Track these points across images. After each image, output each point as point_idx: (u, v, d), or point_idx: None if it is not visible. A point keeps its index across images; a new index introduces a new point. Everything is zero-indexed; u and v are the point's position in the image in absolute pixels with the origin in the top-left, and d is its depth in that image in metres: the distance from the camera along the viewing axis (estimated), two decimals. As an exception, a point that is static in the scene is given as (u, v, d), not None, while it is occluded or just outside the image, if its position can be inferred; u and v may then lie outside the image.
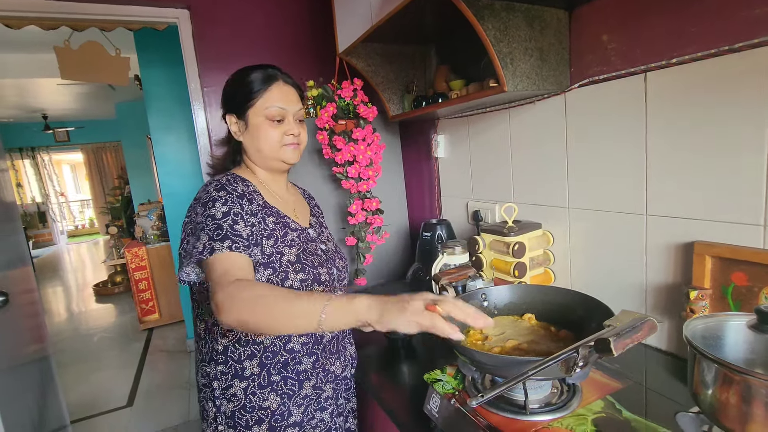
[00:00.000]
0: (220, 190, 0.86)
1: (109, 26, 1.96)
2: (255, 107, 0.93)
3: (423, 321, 0.64)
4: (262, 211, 0.91)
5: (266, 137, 0.93)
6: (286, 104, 0.94)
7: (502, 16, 1.05)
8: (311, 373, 0.94)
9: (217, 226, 0.81)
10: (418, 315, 0.65)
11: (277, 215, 0.95)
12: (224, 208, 0.83)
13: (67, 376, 3.20)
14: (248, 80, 0.93)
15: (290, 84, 0.97)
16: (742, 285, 0.87)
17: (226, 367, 0.89)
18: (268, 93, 0.93)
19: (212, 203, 0.84)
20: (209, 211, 0.83)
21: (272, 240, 0.89)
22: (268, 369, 0.89)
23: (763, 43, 0.78)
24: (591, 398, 0.79)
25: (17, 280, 1.71)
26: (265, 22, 2.07)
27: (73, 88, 5.21)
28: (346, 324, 0.70)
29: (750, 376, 0.54)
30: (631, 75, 1.01)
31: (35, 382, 1.71)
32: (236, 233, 0.81)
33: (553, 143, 1.25)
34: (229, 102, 0.97)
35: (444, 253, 1.38)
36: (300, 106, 0.97)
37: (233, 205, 0.85)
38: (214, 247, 0.79)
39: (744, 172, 0.84)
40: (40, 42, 2.93)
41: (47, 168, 9.02)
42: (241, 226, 0.83)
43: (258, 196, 0.94)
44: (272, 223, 0.92)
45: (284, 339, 0.90)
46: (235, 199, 0.86)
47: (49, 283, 6.27)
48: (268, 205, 0.95)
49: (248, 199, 0.89)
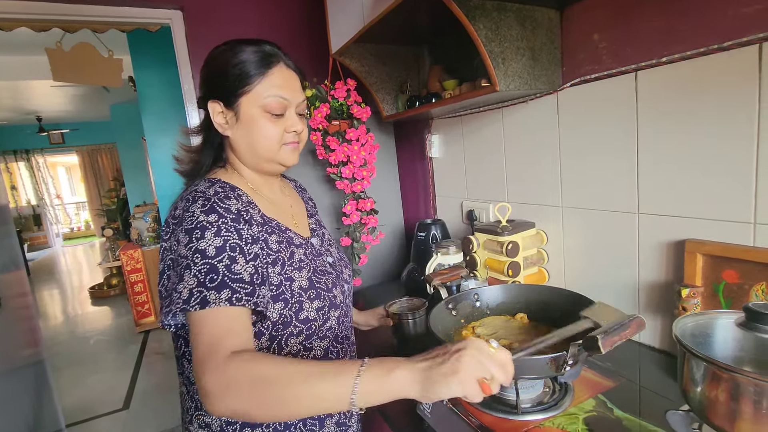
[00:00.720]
0: (210, 212, 0.67)
1: (101, 28, 1.95)
2: (250, 95, 0.74)
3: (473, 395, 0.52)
4: (263, 230, 0.74)
5: (264, 134, 0.75)
6: (290, 94, 0.76)
7: (493, 15, 1.05)
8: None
9: (210, 268, 0.62)
10: (468, 387, 0.51)
11: (278, 231, 0.78)
12: (218, 241, 0.64)
13: (63, 380, 3.19)
14: (241, 59, 0.73)
15: (293, 68, 0.79)
16: (733, 282, 0.87)
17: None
18: (268, 78, 0.74)
19: (201, 233, 0.65)
20: (197, 243, 0.64)
21: (278, 266, 0.73)
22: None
23: (751, 41, 0.79)
24: (583, 397, 0.79)
25: (10, 283, 1.70)
26: (258, 23, 2.06)
27: (67, 90, 5.19)
28: (383, 401, 0.54)
29: (738, 374, 0.54)
30: (622, 74, 1.02)
31: (30, 386, 1.70)
32: (236, 277, 0.63)
33: (545, 142, 1.25)
34: (214, 85, 0.76)
35: (438, 252, 1.38)
36: (303, 97, 0.80)
37: (229, 236, 0.66)
38: (208, 299, 0.60)
39: (734, 169, 0.85)
40: (32, 44, 2.91)
41: (42, 170, 8.97)
42: (241, 265, 0.65)
43: (254, 209, 0.76)
44: (276, 244, 0.75)
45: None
46: (230, 225, 0.67)
47: (45, 286, 6.24)
48: (267, 220, 0.77)
49: (246, 220, 0.70)
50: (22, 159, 8.63)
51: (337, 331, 0.82)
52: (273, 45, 0.78)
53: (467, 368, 0.51)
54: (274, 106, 0.74)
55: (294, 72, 0.79)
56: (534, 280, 1.28)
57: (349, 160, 1.61)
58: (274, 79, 0.75)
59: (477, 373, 0.52)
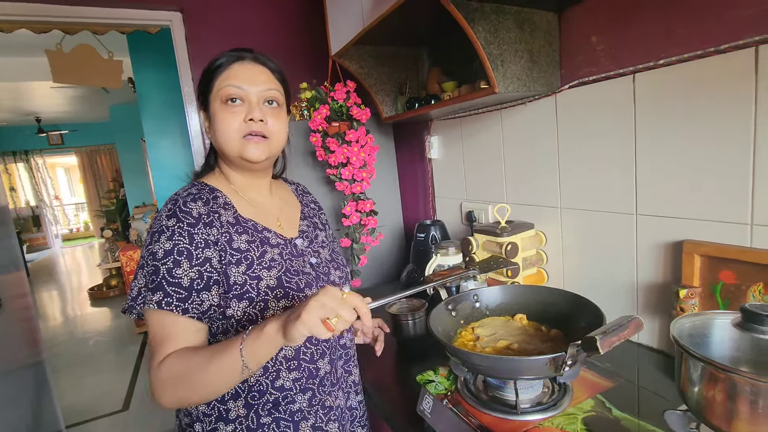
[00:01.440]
0: (171, 216, 0.72)
1: (101, 29, 1.95)
2: (213, 92, 0.77)
3: (319, 333, 0.60)
4: (231, 230, 0.76)
5: (222, 125, 0.76)
6: (247, 82, 0.76)
7: (492, 18, 1.06)
8: (308, 412, 0.80)
9: (154, 270, 0.70)
10: (313, 326, 0.59)
11: (253, 231, 0.80)
12: (167, 245, 0.70)
13: (63, 381, 3.19)
14: (213, 62, 0.79)
15: (263, 65, 0.80)
16: (730, 283, 0.88)
17: (209, 408, 0.77)
18: (227, 71, 0.77)
19: (158, 236, 0.71)
20: (153, 246, 0.71)
21: (244, 265, 0.75)
22: (256, 410, 0.77)
23: (748, 44, 0.79)
24: (581, 397, 0.80)
25: (10, 284, 1.70)
26: (257, 25, 2.07)
27: (66, 91, 5.19)
28: (271, 352, 0.64)
29: (735, 374, 0.54)
30: (620, 76, 1.02)
31: (29, 387, 1.70)
32: (173, 281, 0.69)
33: (544, 144, 1.26)
34: (198, 93, 0.83)
35: (437, 253, 1.39)
36: (270, 86, 0.78)
37: (179, 240, 0.70)
38: (146, 300, 0.69)
39: (731, 171, 0.85)
40: (32, 45, 2.92)
41: (41, 171, 8.96)
42: (183, 269, 0.70)
43: (228, 210, 0.79)
44: (245, 243, 0.77)
45: (272, 376, 0.77)
46: (184, 229, 0.71)
47: (44, 287, 6.23)
48: (241, 220, 0.79)
49: (206, 223, 0.73)
50: (21, 160, 8.63)
51: None
52: (249, 50, 0.81)
53: (310, 311, 0.59)
54: (227, 93, 0.76)
55: (263, 66, 0.80)
56: (533, 281, 1.29)
57: (349, 161, 1.61)
58: (232, 72, 0.77)
59: (320, 314, 0.60)
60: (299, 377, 0.79)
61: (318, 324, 0.60)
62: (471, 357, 0.76)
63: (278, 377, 0.77)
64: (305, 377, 0.80)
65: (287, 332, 0.61)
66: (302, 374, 0.79)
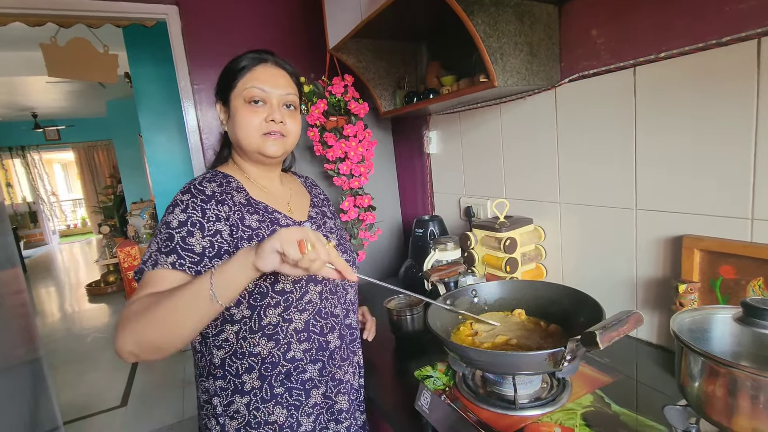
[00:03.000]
0: (186, 192, 0.78)
1: (96, 23, 1.93)
2: (236, 90, 0.83)
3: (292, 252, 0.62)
4: (242, 210, 0.81)
5: (243, 123, 0.82)
6: (270, 85, 0.83)
7: (491, 11, 1.04)
8: (318, 381, 0.85)
9: (168, 236, 0.74)
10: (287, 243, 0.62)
11: (263, 211, 0.85)
12: (182, 216, 0.75)
13: (61, 377, 3.18)
14: (236, 62, 0.85)
15: (283, 68, 0.87)
16: (730, 278, 0.87)
17: (225, 382, 0.81)
18: (251, 73, 0.83)
19: (173, 208, 0.77)
20: (167, 217, 0.76)
21: (254, 241, 0.79)
22: (270, 381, 0.81)
23: (750, 36, 0.78)
24: (580, 392, 0.79)
25: (6, 281, 1.69)
26: (254, 18, 2.05)
27: (62, 86, 5.15)
28: (240, 279, 0.65)
29: (735, 368, 0.54)
30: (621, 69, 1.01)
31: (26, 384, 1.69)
32: (187, 247, 0.73)
33: (543, 138, 1.25)
34: (217, 87, 0.89)
35: (436, 249, 1.38)
36: (289, 91, 0.86)
37: (193, 213, 0.76)
38: (158, 261, 0.72)
39: (731, 165, 0.85)
40: (26, 39, 2.89)
41: (38, 167, 8.91)
42: (196, 239, 0.74)
43: (240, 193, 0.84)
44: (256, 222, 0.81)
45: (283, 348, 0.81)
46: (197, 203, 0.77)
47: (42, 284, 6.21)
48: (252, 202, 0.85)
49: (218, 201, 0.78)
50: (17, 155, 8.57)
51: (319, 305, 0.85)
52: (269, 52, 0.87)
53: (290, 230, 0.64)
54: (252, 94, 0.82)
55: (282, 70, 0.87)
56: (531, 276, 1.28)
57: (347, 156, 1.60)
58: (256, 74, 0.84)
59: (297, 236, 0.63)
60: (309, 348, 0.83)
61: (292, 241, 0.62)
62: (469, 352, 0.76)
63: (289, 349, 0.81)
64: (315, 348, 0.84)
65: (259, 248, 0.63)
66: (312, 345, 0.84)
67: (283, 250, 0.62)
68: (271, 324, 0.79)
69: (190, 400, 2.72)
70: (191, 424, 2.49)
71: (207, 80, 2.04)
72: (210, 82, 2.07)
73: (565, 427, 0.70)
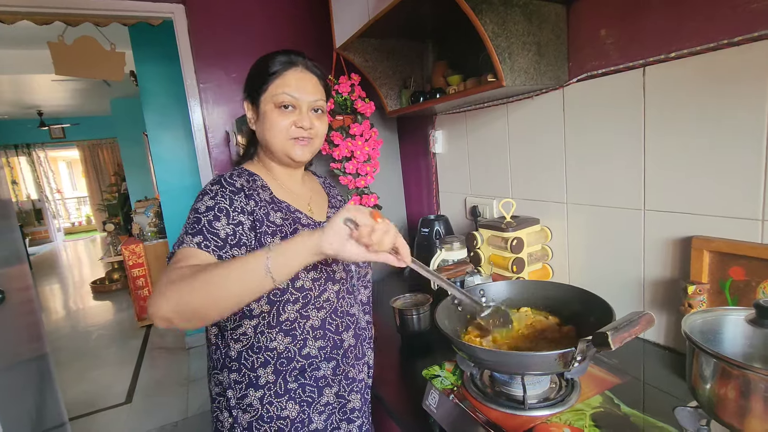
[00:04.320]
0: (216, 183, 0.82)
1: (103, 21, 1.94)
2: (267, 93, 0.85)
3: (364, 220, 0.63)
4: (267, 207, 0.83)
5: (273, 127, 0.85)
6: (299, 92, 0.85)
7: (500, 10, 1.04)
8: (332, 379, 0.86)
9: (196, 220, 0.76)
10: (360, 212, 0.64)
11: (286, 210, 0.87)
12: (210, 202, 0.78)
13: (66, 374, 3.20)
14: (267, 64, 0.86)
15: (312, 72, 0.88)
16: (739, 279, 0.87)
17: (240, 375, 0.82)
18: (282, 78, 0.84)
19: (202, 196, 0.80)
20: (196, 204, 0.79)
21: (278, 237, 0.81)
22: (284, 376, 0.82)
23: (762, 36, 0.78)
24: (589, 393, 0.79)
25: (13, 277, 1.70)
26: (261, 17, 2.05)
27: (68, 84, 5.17)
28: (298, 259, 0.66)
29: (748, 370, 0.54)
30: (630, 69, 1.01)
31: (33, 380, 1.70)
32: (212, 230, 0.75)
33: (551, 138, 1.24)
34: (247, 86, 0.90)
35: (442, 248, 1.38)
36: (318, 97, 0.87)
37: (221, 200, 0.78)
38: (184, 241, 0.74)
39: (742, 166, 0.84)
40: (34, 37, 2.90)
41: (43, 165, 8.96)
42: (221, 224, 0.76)
43: (265, 191, 0.86)
44: (280, 219, 0.84)
45: (299, 344, 0.82)
46: (227, 194, 0.79)
47: (47, 281, 6.25)
48: (276, 201, 0.87)
49: (247, 195, 0.81)
50: (23, 153, 8.62)
51: (336, 305, 0.86)
52: (299, 54, 0.88)
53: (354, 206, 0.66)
54: (282, 100, 0.84)
55: (313, 76, 0.88)
56: (538, 276, 1.28)
57: (353, 155, 1.60)
58: (287, 79, 0.84)
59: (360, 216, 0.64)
60: (324, 346, 0.84)
61: (364, 212, 0.64)
62: (478, 352, 0.76)
63: (305, 345, 0.83)
64: (330, 346, 0.85)
65: (327, 224, 0.65)
66: (327, 343, 0.85)
67: (355, 217, 0.63)
68: (289, 320, 0.81)
69: (195, 397, 2.73)
70: (196, 421, 2.50)
71: (213, 79, 2.04)
72: (216, 81, 2.08)
73: (575, 427, 0.70)
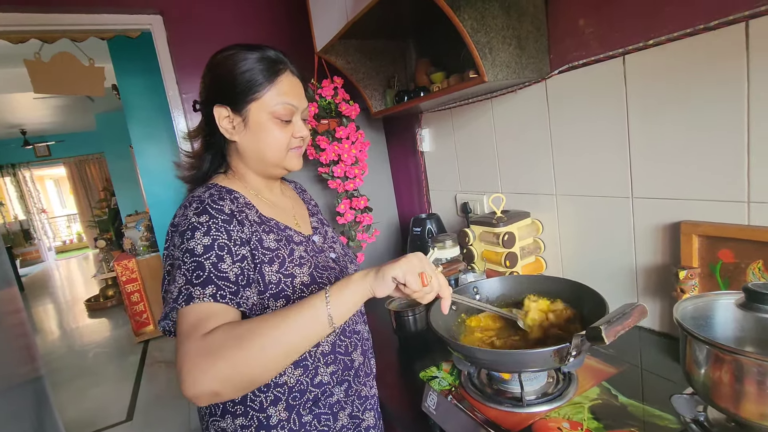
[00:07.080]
0: (201, 213, 0.69)
1: (80, 36, 1.90)
2: (259, 102, 0.75)
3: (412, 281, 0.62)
4: (259, 230, 0.75)
5: (272, 140, 0.77)
6: (297, 101, 0.78)
7: (477, 5, 1.04)
8: (345, 402, 0.81)
9: (197, 265, 0.65)
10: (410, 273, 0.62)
11: (277, 229, 0.79)
12: (206, 240, 0.67)
13: (64, 394, 3.15)
14: (249, 66, 0.75)
15: (297, 75, 0.81)
16: (729, 262, 0.87)
17: (247, 420, 0.73)
18: (277, 86, 0.76)
19: (191, 233, 0.67)
20: (187, 244, 0.67)
21: (276, 264, 0.74)
22: (297, 411, 0.75)
23: (737, 19, 0.78)
24: (587, 385, 0.79)
25: (3, 301, 1.67)
26: (240, 24, 2.03)
27: (50, 102, 5.10)
28: (356, 301, 0.63)
29: (740, 355, 0.54)
30: (610, 58, 1.01)
31: (29, 403, 1.68)
32: (221, 275, 0.65)
33: (536, 131, 1.24)
34: (220, 90, 0.77)
35: (435, 247, 1.37)
36: (307, 103, 0.83)
37: (218, 236, 0.68)
38: (192, 294, 0.63)
39: (725, 149, 0.84)
40: (11, 55, 2.85)
41: (29, 184, 8.84)
42: (227, 264, 0.67)
43: (251, 210, 0.77)
44: (274, 242, 0.76)
45: (311, 374, 0.76)
46: (220, 225, 0.69)
47: (40, 301, 6.16)
48: (264, 219, 0.78)
49: (238, 221, 0.72)
50: (8, 174, 8.49)
51: (344, 325, 0.82)
52: (277, 51, 0.79)
53: (411, 260, 0.63)
54: (283, 112, 0.76)
55: (298, 78, 0.81)
56: (531, 270, 1.28)
57: (340, 158, 1.59)
58: (282, 87, 0.77)
59: (417, 267, 0.63)
60: (336, 370, 0.80)
61: (414, 273, 0.62)
62: (474, 352, 0.75)
63: (317, 374, 0.77)
64: (341, 369, 0.81)
65: (379, 273, 0.63)
66: (338, 367, 0.80)
67: (405, 280, 0.62)
68: None
69: (197, 410, 2.71)
70: (198, 434, 2.48)
71: (195, 88, 2.01)
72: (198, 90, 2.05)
73: (574, 421, 0.70)
